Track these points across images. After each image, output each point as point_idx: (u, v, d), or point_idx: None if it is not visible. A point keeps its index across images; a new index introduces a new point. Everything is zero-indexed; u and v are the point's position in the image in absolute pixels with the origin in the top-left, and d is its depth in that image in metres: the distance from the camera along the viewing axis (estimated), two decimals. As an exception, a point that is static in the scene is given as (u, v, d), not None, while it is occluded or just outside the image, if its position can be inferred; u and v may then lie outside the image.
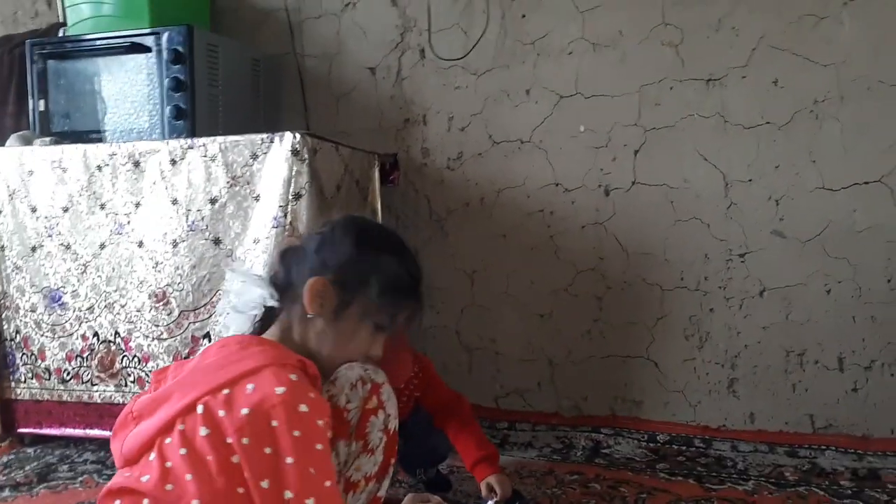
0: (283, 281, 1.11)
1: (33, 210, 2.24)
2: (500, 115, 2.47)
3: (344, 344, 1.10)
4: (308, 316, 1.07)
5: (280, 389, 0.89)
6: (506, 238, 2.50)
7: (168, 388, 0.97)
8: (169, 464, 0.90)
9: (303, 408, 0.89)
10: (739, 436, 2.25)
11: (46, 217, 2.22)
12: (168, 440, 0.91)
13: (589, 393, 2.46)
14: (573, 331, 2.46)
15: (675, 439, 2.27)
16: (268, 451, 0.86)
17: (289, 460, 0.85)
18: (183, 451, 0.89)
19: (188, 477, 0.88)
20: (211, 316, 2.04)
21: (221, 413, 0.89)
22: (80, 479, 2.03)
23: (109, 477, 2.02)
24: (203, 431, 0.89)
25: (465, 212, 2.53)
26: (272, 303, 1.09)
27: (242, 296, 1.10)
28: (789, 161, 2.19)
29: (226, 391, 0.90)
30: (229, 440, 0.88)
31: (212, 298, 2.04)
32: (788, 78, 2.19)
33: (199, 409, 0.90)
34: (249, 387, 0.90)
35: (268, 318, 1.12)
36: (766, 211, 2.22)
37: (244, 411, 0.88)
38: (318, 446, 0.88)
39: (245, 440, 0.87)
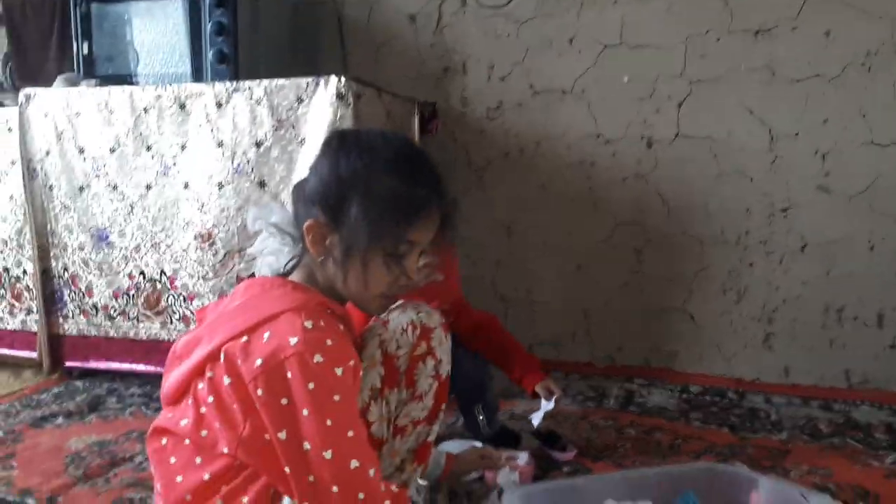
0: (296, 222, 1.02)
1: (81, 151, 2.28)
2: (541, 64, 2.45)
3: (365, 282, 0.96)
4: (319, 259, 0.98)
5: (293, 340, 0.85)
6: (545, 189, 2.50)
7: (200, 330, 0.96)
8: (203, 409, 0.90)
9: (318, 358, 0.84)
10: (773, 389, 2.26)
11: (94, 158, 2.27)
12: (200, 385, 0.91)
13: (623, 344, 2.48)
14: (610, 282, 2.47)
15: (709, 391, 2.29)
16: (284, 402, 0.84)
17: (305, 412, 0.82)
18: (211, 398, 0.89)
19: (217, 425, 0.88)
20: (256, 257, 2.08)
21: (239, 362, 0.87)
22: (129, 410, 2.11)
23: (157, 410, 2.11)
24: (226, 380, 0.87)
25: (503, 162, 2.53)
26: (291, 252, 1.02)
27: (268, 241, 1.05)
28: (838, 115, 2.16)
29: (244, 339, 0.88)
30: (250, 389, 0.86)
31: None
32: (841, 29, 2.14)
33: (222, 357, 0.89)
34: (266, 335, 0.86)
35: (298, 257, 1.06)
36: (811, 165, 2.19)
37: (258, 362, 0.85)
38: (336, 397, 0.84)
39: (260, 391, 0.84)
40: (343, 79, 1.96)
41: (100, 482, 1.57)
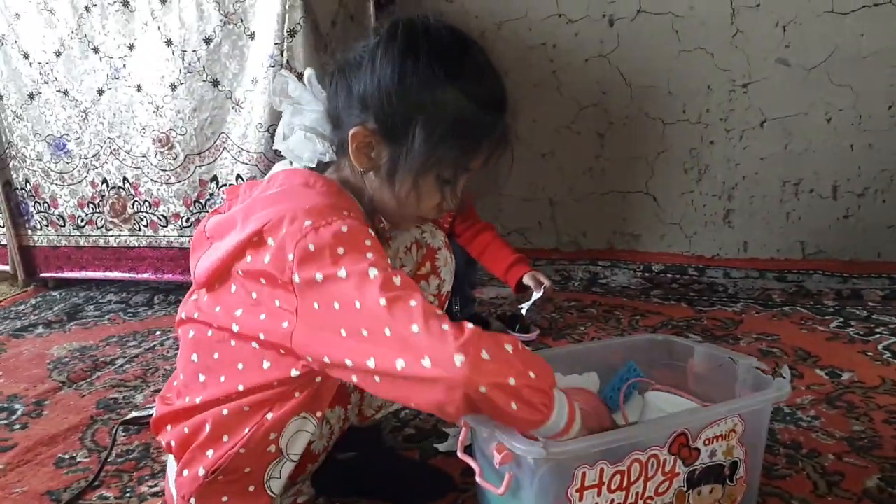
0: (334, 117, 0.90)
1: (25, 56, 2.20)
2: (500, -60, 2.35)
3: (405, 202, 0.88)
4: (360, 172, 0.89)
5: (330, 222, 0.79)
6: (507, 75, 2.43)
7: (234, 213, 0.88)
8: (254, 294, 0.83)
9: (344, 228, 0.79)
10: (732, 264, 2.34)
11: (40, 63, 2.19)
12: (240, 271, 0.85)
13: (588, 228, 2.53)
14: (575, 168, 2.49)
15: (670, 269, 2.38)
16: (340, 250, 0.77)
17: (341, 273, 0.76)
18: (263, 281, 0.82)
19: (277, 303, 0.81)
20: (216, 159, 2.07)
21: (276, 249, 0.80)
22: (108, 316, 2.15)
23: (134, 315, 2.16)
24: (268, 262, 0.80)
25: (464, 49, 2.47)
26: (328, 157, 0.91)
27: (294, 141, 0.92)
28: (800, -17, 2.11)
29: (283, 227, 0.80)
30: (294, 277, 0.79)
31: (215, 141, 2.06)
32: None
33: (268, 241, 0.81)
34: (307, 222, 0.79)
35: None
36: (772, 38, 2.17)
37: (295, 244, 0.78)
38: (370, 254, 0.77)
39: (296, 277, 0.78)
40: (289, -33, 1.88)
41: (84, 385, 1.63)
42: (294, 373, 0.84)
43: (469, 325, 0.74)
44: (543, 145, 2.49)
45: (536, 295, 1.74)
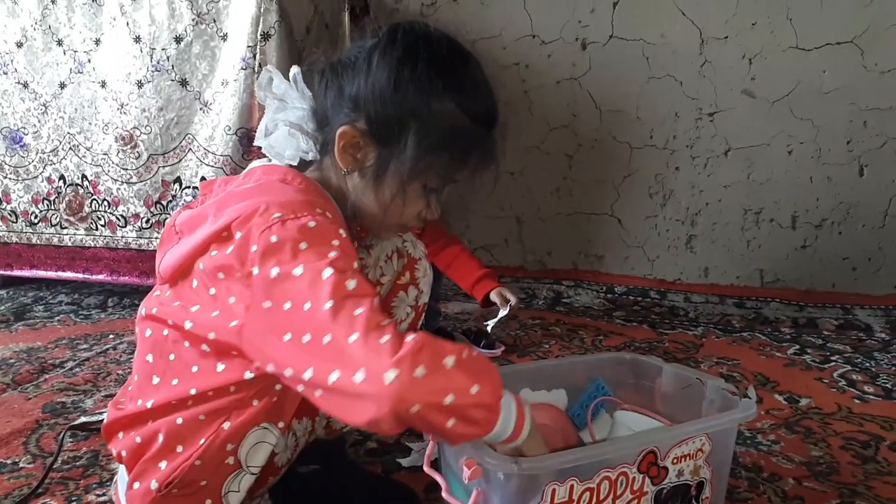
0: (321, 115, 0.89)
1: (-16, 45, 2.13)
2: (478, -41, 2.37)
3: (387, 208, 0.87)
4: (343, 171, 0.87)
5: (297, 219, 0.77)
6: (479, 92, 2.46)
7: (207, 207, 0.86)
8: (212, 290, 0.81)
9: (311, 223, 0.77)
10: (693, 288, 2.38)
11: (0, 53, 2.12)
12: (202, 265, 0.82)
13: (553, 248, 2.55)
14: (542, 188, 2.50)
15: (632, 291, 2.40)
16: (303, 245, 0.75)
17: (297, 271, 0.73)
18: (221, 276, 0.80)
19: (231, 300, 0.79)
20: (181, 160, 2.02)
21: (243, 239, 0.78)
22: (58, 318, 2.07)
23: (86, 317, 2.09)
24: (232, 257, 0.78)
25: (438, 64, 2.47)
26: (311, 156, 0.90)
27: (276, 138, 0.90)
28: (766, 18, 2.18)
29: (253, 220, 0.78)
30: (253, 269, 0.76)
31: (181, 142, 2.01)
32: (774, -70, 2.14)
33: (234, 235, 0.79)
34: (276, 214, 0.77)
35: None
36: (738, 70, 2.23)
37: (259, 237, 0.77)
38: (332, 253, 0.75)
39: (256, 269, 0.76)
40: (266, -30, 1.86)
41: (30, 388, 1.56)
42: (248, 375, 0.81)
43: (410, 338, 0.70)
44: (512, 164, 2.50)
45: (503, 312, 1.74)
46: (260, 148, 0.92)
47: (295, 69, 0.90)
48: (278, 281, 0.74)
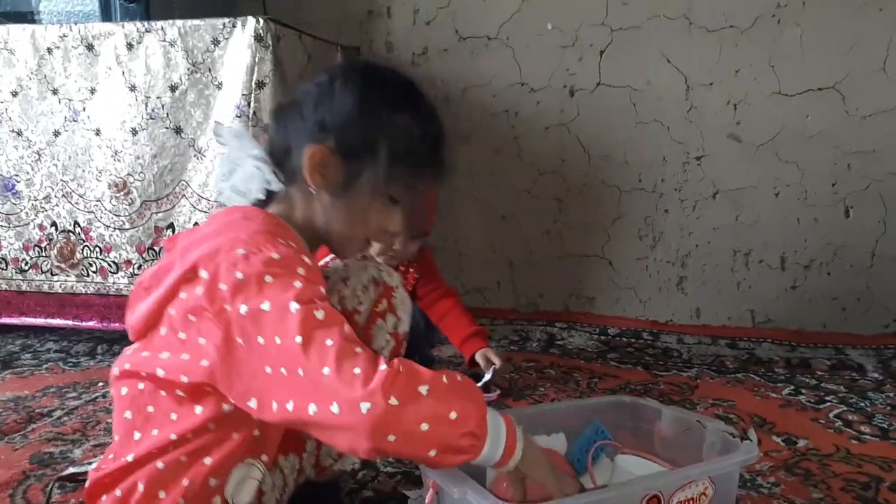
0: (280, 147, 0.94)
1: (-21, 94, 2.14)
2: (467, 9, 2.44)
3: (355, 221, 0.93)
4: (311, 191, 0.91)
5: (263, 253, 0.79)
6: (470, 139, 2.51)
7: (170, 257, 0.88)
8: (182, 335, 0.82)
9: (305, 259, 0.81)
10: (685, 329, 2.39)
11: (-6, 102, 2.14)
12: (172, 311, 0.83)
13: (545, 290, 2.55)
14: (533, 231, 2.52)
15: (625, 332, 2.40)
16: (268, 279, 0.77)
17: (264, 306, 0.75)
18: (192, 317, 0.81)
19: (202, 340, 0.80)
20: (174, 206, 2.03)
21: (210, 277, 0.80)
22: (46, 366, 2.04)
23: (75, 365, 2.06)
24: (201, 295, 0.79)
25: (429, 110, 2.51)
26: (275, 186, 0.93)
27: (237, 169, 0.93)
28: (749, 65, 2.24)
29: (218, 257, 0.80)
30: (225, 307, 0.78)
31: (174, 189, 2.02)
32: (754, -19, 2.21)
33: (199, 273, 0.81)
34: (240, 251, 0.79)
35: (271, 193, 0.96)
36: (724, 115, 2.28)
37: (228, 274, 0.78)
38: (297, 283, 0.77)
39: (228, 306, 0.77)
40: (261, 20, 1.90)
41: (17, 438, 1.52)
42: (226, 408, 0.81)
43: (383, 367, 0.71)
44: (504, 208, 2.53)
45: (486, 377, 1.72)
46: None
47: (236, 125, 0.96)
48: (248, 318, 0.76)
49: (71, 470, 1.32)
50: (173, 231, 2.04)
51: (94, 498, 0.89)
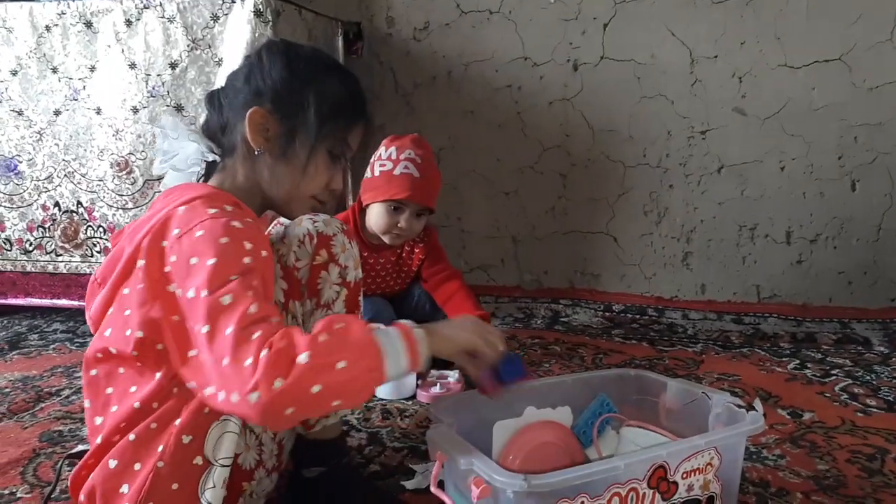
0: (216, 125, 1.01)
1: (-22, 74, 2.13)
2: (468, -18, 2.40)
3: (298, 178, 0.99)
4: (256, 153, 0.97)
5: (212, 210, 0.83)
6: (473, 114, 2.49)
7: (122, 243, 0.91)
8: (127, 312, 0.85)
9: (235, 224, 0.83)
10: (690, 305, 2.38)
11: (-6, 82, 2.12)
12: (126, 290, 0.86)
13: (549, 267, 2.55)
14: (537, 208, 2.51)
15: (630, 309, 2.40)
16: (193, 260, 0.80)
17: (210, 262, 0.79)
18: (126, 290, 0.86)
19: (127, 312, 0.84)
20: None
21: (151, 241, 0.84)
22: (53, 346, 2.05)
23: (82, 345, 2.06)
24: (140, 263, 0.84)
25: (432, 86, 2.50)
26: (211, 157, 0.99)
27: (178, 153, 0.99)
28: (755, 37, 2.21)
29: (161, 223, 0.85)
30: (167, 268, 0.82)
31: (177, 167, 2.01)
32: (760, -49, 2.18)
33: (142, 251, 0.85)
34: (181, 209, 0.84)
35: (210, 171, 1.02)
36: (729, 88, 2.25)
37: (175, 231, 0.82)
38: (246, 259, 0.81)
39: (173, 258, 0.81)
40: (261, -4, 1.88)
41: (26, 417, 1.53)
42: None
43: (264, 352, 0.72)
44: (507, 184, 2.51)
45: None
46: None
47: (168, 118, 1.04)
48: (182, 301, 0.80)
49: (80, 448, 1.32)
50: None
51: (75, 491, 0.91)
